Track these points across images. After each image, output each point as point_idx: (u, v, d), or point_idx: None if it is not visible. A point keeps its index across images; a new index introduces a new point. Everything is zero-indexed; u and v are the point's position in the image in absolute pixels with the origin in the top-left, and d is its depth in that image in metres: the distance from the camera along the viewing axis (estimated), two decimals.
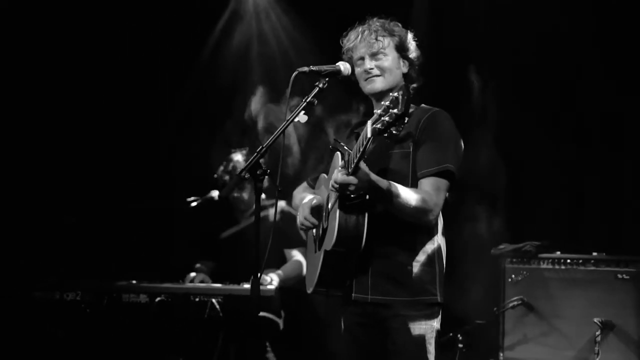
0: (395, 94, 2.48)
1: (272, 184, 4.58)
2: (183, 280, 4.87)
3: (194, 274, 4.92)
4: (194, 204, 4.81)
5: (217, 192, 4.83)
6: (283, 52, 5.94)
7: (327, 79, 2.93)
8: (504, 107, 5.14)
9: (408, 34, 3.10)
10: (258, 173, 2.69)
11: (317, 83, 2.92)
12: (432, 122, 2.95)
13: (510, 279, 4.63)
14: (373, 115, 2.53)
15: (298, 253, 4.87)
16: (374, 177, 2.70)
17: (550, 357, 4.41)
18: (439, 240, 2.99)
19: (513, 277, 4.63)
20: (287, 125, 2.81)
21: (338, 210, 2.80)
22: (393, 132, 2.51)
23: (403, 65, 3.07)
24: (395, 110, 2.45)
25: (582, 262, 4.46)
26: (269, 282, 4.58)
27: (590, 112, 4.98)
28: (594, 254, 4.45)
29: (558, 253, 4.56)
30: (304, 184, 3.42)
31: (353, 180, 2.65)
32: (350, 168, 2.64)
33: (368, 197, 2.79)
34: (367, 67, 3.01)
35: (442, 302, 2.96)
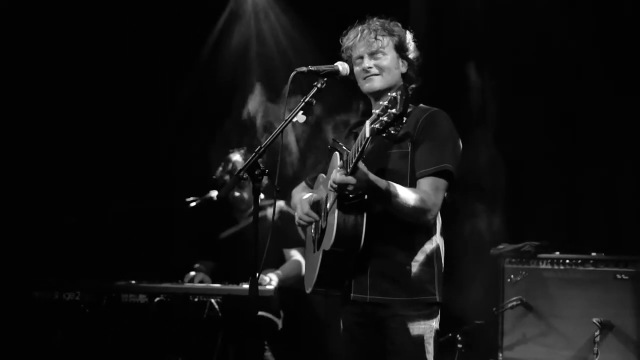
0: (394, 94, 2.48)
1: (270, 184, 4.59)
2: (182, 280, 4.88)
3: (194, 273, 4.92)
4: (193, 204, 4.82)
5: (216, 192, 4.83)
6: (282, 52, 5.94)
7: (325, 79, 2.94)
8: (504, 106, 5.15)
9: (407, 34, 3.10)
10: (256, 173, 2.69)
11: (315, 83, 2.93)
12: (430, 122, 2.95)
13: (510, 279, 4.63)
14: (371, 115, 2.53)
15: (297, 253, 4.87)
16: (373, 177, 2.70)
17: (549, 357, 4.40)
18: (438, 240, 3.00)
19: (512, 277, 4.62)
20: (285, 125, 2.81)
21: (337, 210, 2.80)
22: (391, 132, 2.51)
23: (402, 65, 3.07)
24: (394, 110, 2.45)
25: (581, 262, 4.45)
26: (268, 282, 4.58)
27: (590, 112, 4.98)
28: (593, 254, 4.43)
29: (557, 253, 4.55)
30: (303, 184, 3.42)
31: (352, 180, 2.65)
32: (349, 168, 2.64)
33: (367, 197, 2.79)
34: (365, 65, 3.01)
35: (441, 301, 2.96)
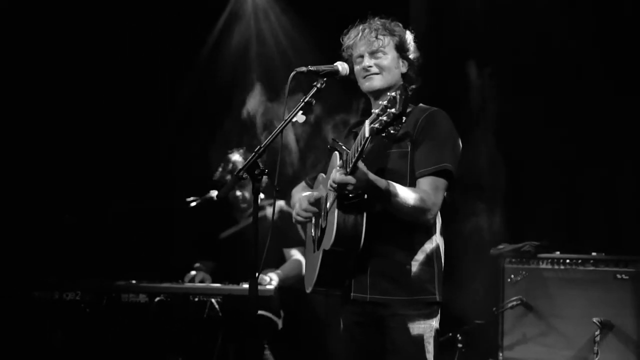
0: (393, 94, 2.48)
1: (270, 184, 4.59)
2: (182, 280, 4.88)
3: (194, 273, 4.92)
4: (194, 204, 4.82)
5: (216, 192, 4.83)
6: (282, 52, 5.94)
7: (325, 79, 2.94)
8: (504, 106, 5.15)
9: (408, 35, 3.10)
10: (256, 173, 2.69)
11: (315, 83, 2.93)
12: (430, 121, 2.95)
13: (510, 279, 4.63)
14: (371, 115, 2.54)
15: (297, 252, 4.86)
16: (372, 176, 2.70)
17: (550, 356, 4.40)
18: (438, 240, 3.00)
19: (512, 277, 4.62)
20: (285, 125, 2.82)
21: (336, 210, 2.80)
22: (391, 131, 2.51)
23: (402, 65, 3.07)
24: (393, 110, 2.46)
25: (581, 262, 4.45)
26: (268, 281, 4.58)
27: (590, 112, 4.98)
28: (593, 254, 4.43)
29: (557, 253, 4.55)
30: (302, 184, 3.42)
31: (351, 180, 2.65)
32: (349, 167, 2.64)
33: (366, 196, 2.79)
34: (366, 64, 3.01)
35: (440, 301, 2.96)
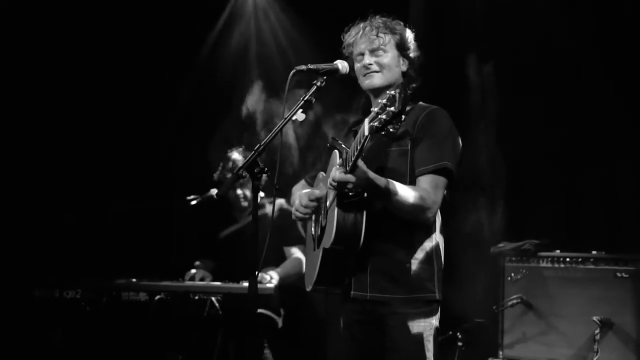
0: (393, 92, 2.48)
1: (270, 182, 4.59)
2: (183, 278, 4.88)
3: (194, 271, 4.93)
4: (194, 203, 4.82)
5: (216, 190, 4.83)
6: (282, 51, 5.94)
7: (324, 78, 2.94)
8: (504, 106, 5.15)
9: (409, 33, 3.10)
10: (256, 171, 2.69)
11: (314, 81, 2.93)
12: (429, 119, 2.95)
13: (510, 278, 4.62)
14: (370, 114, 2.54)
15: (297, 250, 4.86)
16: (372, 174, 2.70)
17: (549, 355, 4.40)
18: (437, 238, 3.00)
19: (512, 275, 4.62)
20: (284, 124, 2.82)
21: (336, 208, 2.80)
22: (390, 130, 2.51)
23: (402, 64, 3.07)
24: (392, 109, 2.46)
25: (581, 260, 4.44)
26: (269, 280, 4.58)
27: (590, 111, 4.98)
28: (593, 253, 4.42)
29: (557, 251, 4.54)
30: (302, 182, 3.42)
31: (351, 178, 2.66)
32: (348, 166, 2.65)
33: (366, 194, 2.79)
34: (366, 62, 3.01)
35: (440, 299, 2.96)
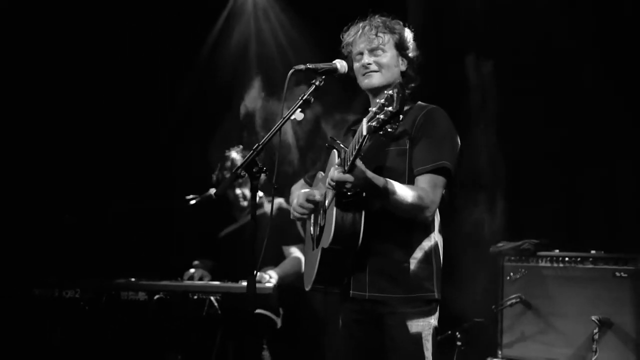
0: (390, 92, 2.49)
1: (269, 181, 4.59)
2: (182, 278, 4.88)
3: (193, 270, 4.93)
4: (193, 202, 4.83)
5: (214, 189, 4.84)
6: (282, 51, 5.94)
7: (323, 77, 2.94)
8: (504, 106, 5.15)
9: (408, 33, 3.11)
10: (254, 171, 2.70)
11: (313, 81, 2.93)
12: (428, 119, 2.95)
13: (509, 277, 4.62)
14: (368, 113, 2.54)
15: (296, 250, 4.86)
16: (370, 174, 2.70)
17: (549, 354, 4.39)
18: (436, 237, 3.00)
19: (511, 275, 4.62)
20: (283, 123, 2.82)
21: (335, 208, 2.80)
22: (388, 129, 2.51)
23: (401, 63, 3.07)
24: (390, 108, 2.46)
25: (580, 260, 4.43)
26: (268, 279, 4.58)
27: (590, 111, 4.98)
28: (593, 252, 4.42)
29: (557, 251, 4.54)
30: (301, 181, 3.43)
31: (349, 178, 2.66)
32: (347, 166, 2.65)
33: (364, 194, 2.79)
34: (365, 62, 3.02)
35: (439, 298, 2.96)
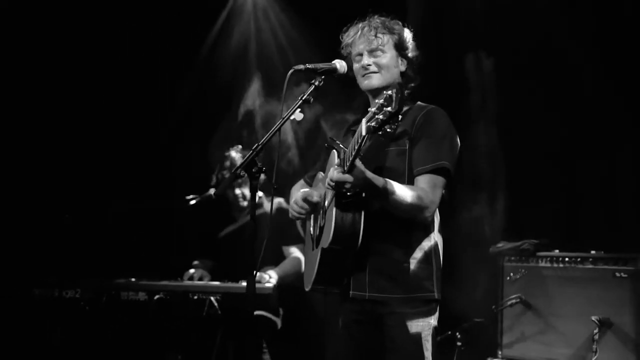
0: (390, 92, 2.48)
1: (268, 181, 4.59)
2: (182, 278, 4.89)
3: (193, 270, 4.93)
4: (193, 202, 4.83)
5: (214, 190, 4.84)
6: (282, 51, 5.95)
7: (323, 77, 2.94)
8: (504, 106, 5.15)
9: (407, 33, 3.10)
10: (254, 171, 2.70)
11: (313, 81, 2.93)
12: (428, 119, 2.95)
13: (509, 277, 4.62)
14: (368, 113, 2.54)
15: (296, 250, 4.87)
16: (370, 174, 2.71)
17: (548, 355, 4.39)
18: (436, 237, 3.00)
19: (511, 275, 4.62)
20: (283, 123, 2.82)
21: (334, 208, 2.80)
22: (387, 129, 2.51)
23: (401, 64, 3.07)
24: (389, 109, 2.46)
25: (580, 260, 4.43)
26: (268, 279, 4.58)
27: (590, 111, 4.98)
28: (592, 252, 4.41)
29: (556, 251, 4.54)
30: (301, 181, 3.42)
31: (349, 178, 2.66)
32: (346, 166, 2.66)
33: (364, 194, 2.79)
34: (364, 63, 3.01)
35: (439, 298, 2.96)
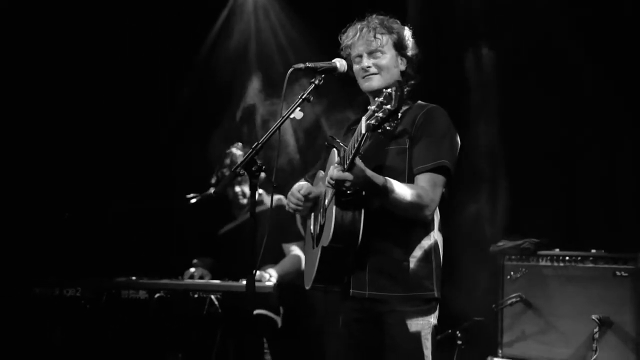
0: (389, 90, 2.48)
1: (268, 180, 4.59)
2: (182, 276, 4.89)
3: (193, 269, 4.93)
4: (193, 201, 4.83)
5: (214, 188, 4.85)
6: (282, 50, 5.95)
7: (323, 76, 2.94)
8: (504, 105, 5.16)
9: (407, 31, 3.10)
10: (253, 169, 2.70)
11: (313, 80, 2.94)
12: (428, 118, 2.95)
13: (509, 276, 4.63)
14: (367, 112, 2.54)
15: (296, 248, 4.86)
16: (370, 173, 2.71)
17: (548, 354, 4.40)
18: (436, 236, 3.00)
19: (512, 274, 4.63)
20: (283, 122, 2.82)
21: (334, 207, 2.80)
22: (387, 128, 2.51)
23: (401, 63, 3.07)
24: (389, 106, 2.46)
25: (580, 259, 4.44)
26: (268, 278, 4.59)
27: (590, 111, 4.99)
28: (593, 251, 4.42)
29: (557, 250, 4.55)
30: (302, 181, 3.42)
31: (349, 177, 2.66)
32: (346, 164, 2.66)
33: (364, 193, 2.79)
34: (364, 65, 3.01)
35: (438, 297, 2.96)
